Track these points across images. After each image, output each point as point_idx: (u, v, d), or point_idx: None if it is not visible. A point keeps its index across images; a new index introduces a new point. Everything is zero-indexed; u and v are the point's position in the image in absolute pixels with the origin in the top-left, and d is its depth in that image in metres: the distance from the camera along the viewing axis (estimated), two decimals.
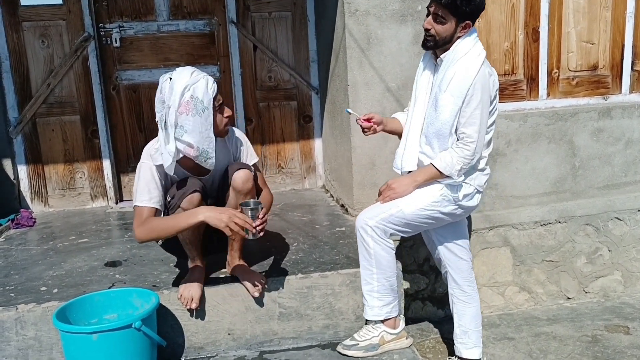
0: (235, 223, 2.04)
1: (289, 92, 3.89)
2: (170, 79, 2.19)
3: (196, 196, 2.24)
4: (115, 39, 3.60)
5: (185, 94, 2.16)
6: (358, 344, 2.41)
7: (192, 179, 2.31)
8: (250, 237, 2.15)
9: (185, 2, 3.67)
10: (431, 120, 2.32)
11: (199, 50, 3.74)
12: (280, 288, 2.47)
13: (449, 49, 2.30)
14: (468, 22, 2.28)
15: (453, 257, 2.55)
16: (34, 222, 3.44)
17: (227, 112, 2.34)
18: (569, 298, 3.59)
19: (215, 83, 2.27)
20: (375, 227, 2.33)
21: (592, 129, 3.43)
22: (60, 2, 3.50)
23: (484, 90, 2.25)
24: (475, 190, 2.39)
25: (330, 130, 3.65)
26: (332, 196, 3.74)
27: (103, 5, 3.57)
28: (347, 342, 2.44)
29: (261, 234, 2.16)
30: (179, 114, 2.16)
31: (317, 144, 3.97)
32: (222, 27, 3.73)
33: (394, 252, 2.41)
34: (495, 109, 2.36)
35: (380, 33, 3.04)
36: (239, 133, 2.52)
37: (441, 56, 2.33)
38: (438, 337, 3.16)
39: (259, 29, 3.77)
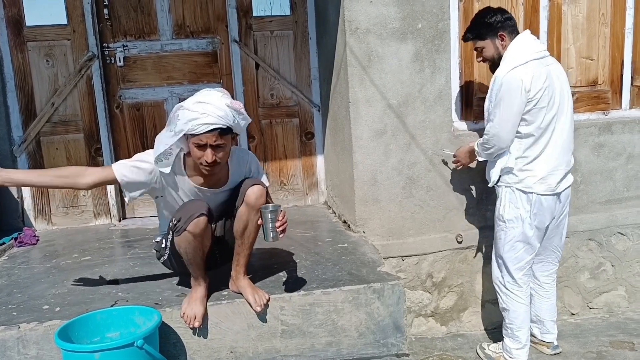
0: None
1: (291, 109, 3.92)
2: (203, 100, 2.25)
3: (202, 220, 2.24)
4: (119, 58, 3.64)
5: (181, 107, 2.23)
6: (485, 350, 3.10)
7: (199, 201, 2.33)
8: (271, 239, 2.25)
9: (188, 21, 3.72)
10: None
11: (202, 68, 3.78)
12: (283, 305, 2.46)
13: None
14: (500, 34, 2.73)
15: None
16: (37, 240, 3.45)
17: (208, 157, 2.21)
18: (572, 314, 3.57)
19: (218, 128, 2.19)
20: None
21: (593, 144, 3.44)
22: (65, 22, 3.55)
23: (507, 92, 2.62)
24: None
25: (332, 146, 3.67)
26: (334, 212, 3.74)
27: (107, 25, 3.62)
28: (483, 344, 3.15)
29: (282, 235, 2.26)
30: (174, 114, 2.25)
31: (319, 161, 3.99)
32: (224, 45, 3.77)
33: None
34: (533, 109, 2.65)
35: (381, 51, 3.07)
36: (255, 159, 2.57)
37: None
38: (441, 353, 3.14)
39: (261, 48, 3.81)
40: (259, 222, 2.29)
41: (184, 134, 2.24)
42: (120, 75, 3.69)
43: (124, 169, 2.32)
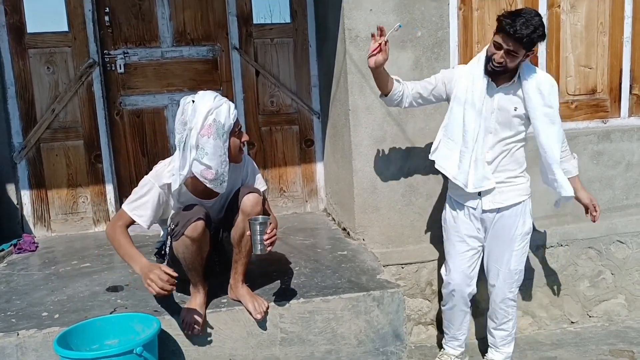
0: (151, 279, 2.02)
1: (291, 116, 3.93)
2: (193, 101, 2.23)
3: (200, 224, 2.25)
4: (120, 65, 3.66)
5: (208, 117, 2.20)
6: None
7: (197, 206, 2.33)
8: (259, 252, 2.23)
9: (189, 28, 3.73)
10: (551, 135, 2.67)
11: (202, 75, 3.79)
12: (282, 313, 2.46)
13: (515, 72, 2.58)
14: (535, 49, 2.54)
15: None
16: (36, 246, 3.44)
17: (245, 137, 2.39)
18: (572, 322, 3.56)
19: (236, 109, 2.32)
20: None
21: (592, 152, 3.45)
22: (66, 29, 3.57)
23: None
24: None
25: (332, 154, 3.67)
26: (333, 220, 3.74)
27: (108, 32, 3.64)
28: None
29: (269, 248, 2.23)
30: (200, 136, 2.20)
31: (319, 168, 3.99)
32: (224, 53, 3.79)
33: None
34: None
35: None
36: (251, 161, 2.58)
37: (515, 78, 2.59)
38: None
39: (261, 55, 3.82)
40: (248, 233, 2.28)
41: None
42: (120, 82, 3.70)
43: (138, 210, 2.32)
